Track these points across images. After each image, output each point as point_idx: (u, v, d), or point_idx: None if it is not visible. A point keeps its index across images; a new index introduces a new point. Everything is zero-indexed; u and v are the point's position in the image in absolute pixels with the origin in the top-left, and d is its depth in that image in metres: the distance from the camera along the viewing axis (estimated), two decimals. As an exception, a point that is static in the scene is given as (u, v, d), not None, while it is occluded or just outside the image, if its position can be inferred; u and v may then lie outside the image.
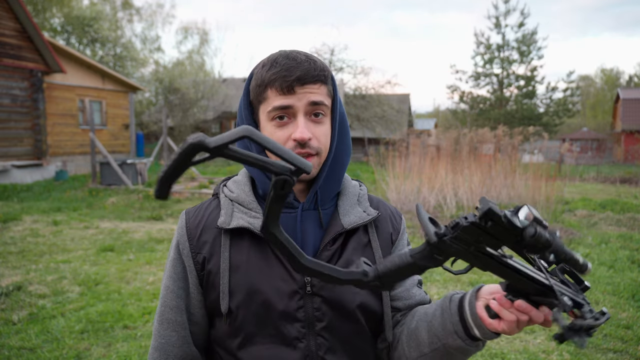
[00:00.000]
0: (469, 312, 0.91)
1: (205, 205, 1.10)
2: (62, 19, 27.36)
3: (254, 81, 1.00)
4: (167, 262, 1.08)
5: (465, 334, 0.91)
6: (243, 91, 1.05)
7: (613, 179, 16.17)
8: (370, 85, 23.32)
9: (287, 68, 0.95)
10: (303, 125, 0.96)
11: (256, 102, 1.01)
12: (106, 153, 11.91)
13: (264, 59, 1.01)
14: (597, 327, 0.77)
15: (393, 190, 9.28)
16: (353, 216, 1.06)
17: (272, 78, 0.96)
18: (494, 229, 0.73)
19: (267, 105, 0.98)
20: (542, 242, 0.72)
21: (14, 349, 3.43)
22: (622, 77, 54.42)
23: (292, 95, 0.96)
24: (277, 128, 0.98)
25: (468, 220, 0.75)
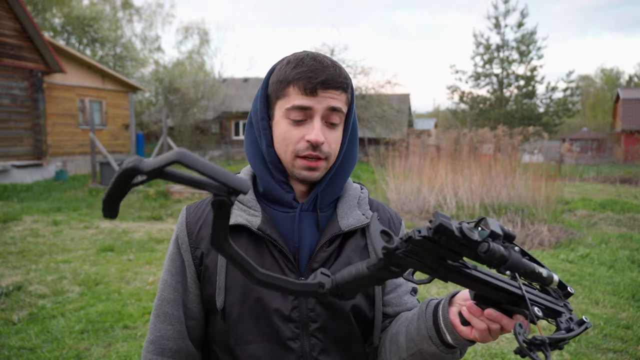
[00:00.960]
0: (442, 318, 0.90)
1: (206, 202, 1.11)
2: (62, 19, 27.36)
3: (276, 76, 1.01)
4: (166, 256, 1.09)
5: (439, 340, 0.91)
6: (262, 84, 1.06)
7: (613, 179, 16.18)
8: (370, 85, 23.31)
9: (314, 70, 0.97)
10: (319, 128, 0.97)
11: (274, 97, 1.02)
12: (106, 153, 11.91)
13: (290, 56, 1.02)
14: (567, 339, 0.73)
15: (393, 190, 9.28)
16: (351, 219, 1.06)
17: (297, 77, 0.97)
18: (449, 243, 0.72)
19: (286, 101, 0.99)
20: (497, 258, 0.71)
21: (14, 349, 3.43)
22: (622, 77, 54.44)
23: (314, 97, 0.97)
24: (292, 126, 0.99)
25: (421, 234, 0.73)
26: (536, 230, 7.25)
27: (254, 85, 28.26)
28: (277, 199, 1.04)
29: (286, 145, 1.00)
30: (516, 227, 7.46)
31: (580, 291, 4.77)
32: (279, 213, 1.04)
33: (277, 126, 1.01)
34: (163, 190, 10.54)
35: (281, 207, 1.04)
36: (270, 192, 1.04)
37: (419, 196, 9.05)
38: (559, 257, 6.01)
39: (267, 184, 1.04)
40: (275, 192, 1.03)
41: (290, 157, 1.00)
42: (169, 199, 10.09)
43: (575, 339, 3.67)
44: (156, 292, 1.12)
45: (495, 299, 0.81)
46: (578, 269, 5.49)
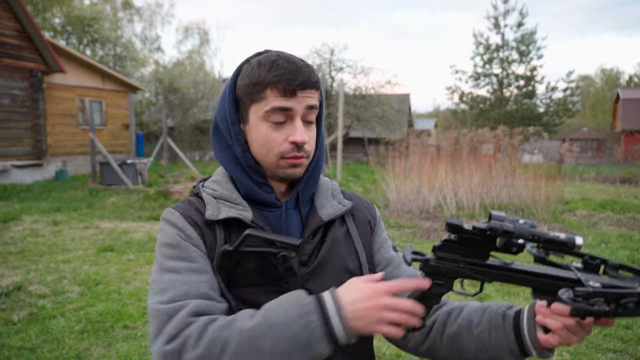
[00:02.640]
0: (528, 335, 0.93)
1: (187, 202, 1.06)
2: (63, 19, 27.37)
3: (247, 78, 1.01)
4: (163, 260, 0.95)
5: (520, 354, 0.94)
6: (226, 88, 1.04)
7: (613, 179, 16.18)
8: (370, 85, 23.31)
9: (291, 72, 0.97)
10: (302, 128, 0.99)
11: (247, 100, 1.01)
12: (106, 153, 11.91)
13: (257, 58, 1.02)
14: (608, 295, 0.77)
15: (393, 190, 9.28)
16: (330, 209, 1.10)
17: (274, 79, 0.97)
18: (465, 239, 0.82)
19: (263, 104, 0.99)
20: (501, 232, 0.78)
21: (14, 349, 3.43)
22: (622, 77, 54.43)
23: (293, 99, 0.98)
24: (273, 129, 0.99)
25: (442, 240, 0.85)
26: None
27: (254, 85, 28.21)
28: (259, 200, 1.05)
29: (268, 148, 1.00)
30: (516, 227, 7.45)
31: (580, 291, 4.77)
32: (264, 212, 1.05)
33: (255, 130, 1.01)
34: (163, 190, 10.54)
35: (264, 207, 1.06)
36: (252, 194, 1.05)
37: (419, 196, 9.05)
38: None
39: (248, 187, 1.05)
40: (256, 194, 1.05)
41: (275, 159, 1.01)
42: (169, 199, 10.09)
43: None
44: None
45: (551, 289, 0.84)
46: (578, 269, 5.49)
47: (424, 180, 9.26)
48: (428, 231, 7.39)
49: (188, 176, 13.41)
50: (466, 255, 0.84)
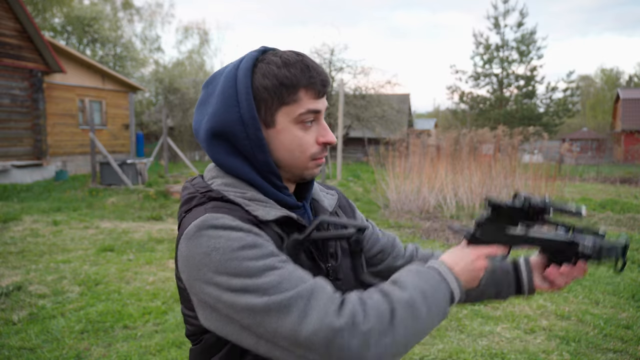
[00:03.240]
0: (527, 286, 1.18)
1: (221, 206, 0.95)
2: (63, 19, 27.37)
3: (273, 79, 0.94)
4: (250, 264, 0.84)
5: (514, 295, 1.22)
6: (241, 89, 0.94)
7: (613, 179, 16.18)
8: (370, 85, 23.31)
9: (320, 72, 0.98)
10: (328, 128, 1.02)
11: (274, 103, 0.95)
12: (106, 153, 11.91)
13: (281, 58, 0.96)
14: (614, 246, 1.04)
15: (393, 190, 9.28)
16: (327, 200, 1.15)
17: (311, 81, 0.96)
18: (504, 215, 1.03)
19: (297, 107, 0.95)
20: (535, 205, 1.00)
21: (14, 349, 3.43)
22: (622, 77, 54.43)
23: (321, 100, 0.99)
24: (305, 131, 0.98)
25: (484, 216, 1.06)
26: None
27: (254, 85, 28.20)
28: (283, 203, 1.02)
29: (301, 151, 0.99)
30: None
31: (580, 291, 4.78)
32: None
33: (284, 133, 0.97)
34: (163, 190, 10.54)
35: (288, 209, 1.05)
36: (277, 199, 1.01)
37: (419, 196, 9.05)
38: (559, 257, 6.02)
39: (271, 193, 1.00)
40: (280, 197, 1.01)
41: (306, 161, 1.00)
42: (169, 199, 10.09)
43: (575, 338, 3.68)
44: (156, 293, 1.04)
45: (559, 249, 1.08)
46: (578, 269, 5.49)
47: (424, 180, 9.26)
48: (428, 231, 7.39)
49: (188, 176, 13.41)
50: (502, 226, 1.05)
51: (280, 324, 0.80)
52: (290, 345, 0.80)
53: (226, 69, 1.00)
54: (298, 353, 0.80)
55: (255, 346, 0.85)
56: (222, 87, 0.97)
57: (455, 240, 6.89)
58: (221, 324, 0.87)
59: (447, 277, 0.95)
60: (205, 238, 0.86)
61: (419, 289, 0.88)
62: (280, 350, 0.82)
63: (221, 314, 0.86)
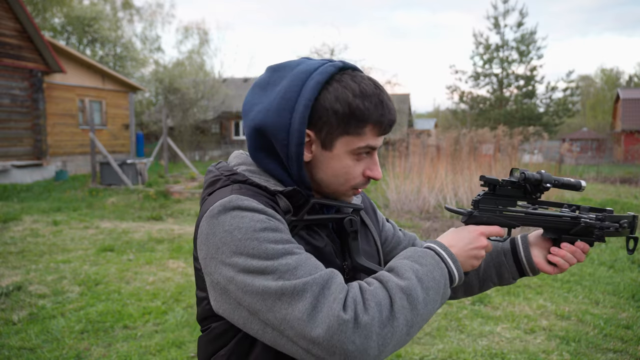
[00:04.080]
0: (527, 263, 1.16)
1: (247, 188, 0.96)
2: (62, 19, 27.35)
3: (345, 107, 0.92)
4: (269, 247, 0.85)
5: (519, 277, 1.20)
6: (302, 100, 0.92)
7: (613, 179, 16.17)
8: (370, 85, 23.28)
9: (392, 111, 0.97)
10: (379, 165, 1.02)
11: (338, 129, 0.94)
12: (106, 153, 11.91)
13: (360, 87, 0.94)
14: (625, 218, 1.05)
15: (393, 190, 9.28)
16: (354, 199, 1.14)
17: (381, 119, 0.95)
18: (501, 191, 1.02)
19: (359, 140, 0.95)
20: (534, 179, 0.99)
21: (14, 349, 3.43)
22: (622, 77, 54.42)
23: (381, 137, 0.99)
24: (356, 162, 0.98)
25: (481, 195, 1.04)
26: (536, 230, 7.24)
27: (254, 85, 28.17)
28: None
29: (346, 180, 0.99)
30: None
31: (580, 291, 4.78)
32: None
33: (337, 160, 0.96)
34: (163, 190, 10.54)
35: None
36: None
37: (419, 196, 9.05)
38: (559, 257, 6.02)
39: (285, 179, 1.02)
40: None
41: (347, 189, 1.00)
42: (169, 199, 10.09)
43: (575, 338, 3.68)
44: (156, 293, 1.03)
45: (561, 228, 1.06)
46: (578, 269, 5.49)
47: (424, 180, 9.27)
48: (428, 231, 7.39)
49: (188, 176, 13.41)
50: (501, 205, 1.03)
51: (290, 311, 0.80)
52: (296, 336, 0.80)
53: (299, 66, 0.96)
54: (302, 345, 0.80)
55: (261, 333, 0.85)
56: (287, 86, 0.94)
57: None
58: (230, 308, 0.87)
59: (444, 257, 0.95)
60: (229, 217, 0.87)
61: (415, 275, 0.88)
62: (285, 340, 0.82)
63: (231, 297, 0.86)
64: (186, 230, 7.25)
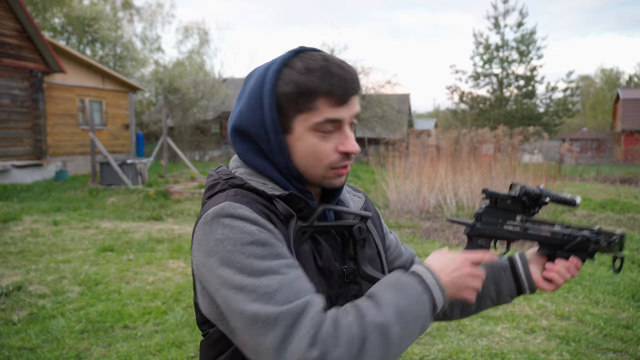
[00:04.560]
0: (526, 281, 1.15)
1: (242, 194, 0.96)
2: (62, 19, 27.34)
3: (292, 86, 0.92)
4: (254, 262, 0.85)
5: (516, 295, 1.17)
6: (265, 92, 0.94)
7: (613, 179, 16.17)
8: (370, 85, 23.32)
9: (343, 78, 0.92)
10: (352, 137, 0.96)
11: (292, 110, 0.93)
12: (106, 153, 11.91)
13: (305, 63, 0.93)
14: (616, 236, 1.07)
15: (393, 190, 9.28)
16: (353, 202, 1.13)
17: (330, 89, 0.91)
18: (502, 205, 1.04)
19: (314, 116, 0.92)
20: (534, 194, 1.02)
21: (14, 349, 3.43)
22: (622, 77, 54.41)
23: (344, 107, 0.93)
24: (322, 140, 0.94)
25: (483, 207, 1.06)
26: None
27: (254, 85, 28.15)
28: None
29: (317, 159, 0.95)
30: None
31: (580, 291, 4.78)
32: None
33: (301, 141, 0.95)
34: (163, 190, 10.54)
35: None
36: None
37: (419, 196, 9.05)
38: (559, 257, 6.02)
39: (285, 184, 1.00)
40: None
41: (324, 170, 0.97)
42: (169, 199, 10.09)
43: (575, 338, 3.68)
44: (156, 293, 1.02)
45: (557, 243, 1.08)
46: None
47: (424, 180, 9.26)
48: (428, 231, 7.39)
49: (188, 176, 13.41)
50: (501, 218, 1.05)
51: (261, 340, 0.80)
52: None
53: (262, 67, 0.99)
54: None
55: (242, 347, 0.88)
56: (252, 86, 0.97)
57: (455, 240, 6.89)
58: (216, 317, 0.91)
59: (431, 286, 0.91)
60: (221, 226, 0.87)
61: (394, 308, 0.84)
62: None
63: (217, 308, 0.88)
64: (186, 230, 7.25)
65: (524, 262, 1.16)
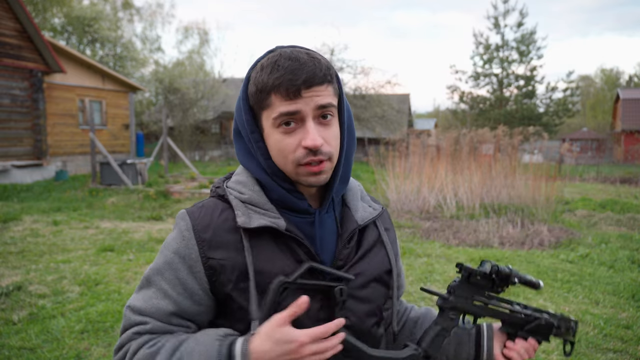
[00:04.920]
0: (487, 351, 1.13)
1: (211, 206, 1.01)
2: (63, 19, 27.34)
3: (253, 85, 0.95)
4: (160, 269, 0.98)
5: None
6: (240, 94, 0.99)
7: (613, 179, 16.17)
8: (370, 85, 23.32)
9: (292, 71, 0.90)
10: (314, 131, 0.91)
11: (258, 108, 0.96)
12: (106, 153, 11.91)
13: (262, 61, 0.95)
14: (574, 325, 1.19)
15: (393, 190, 9.28)
16: (363, 212, 1.06)
17: (276, 83, 0.90)
18: (474, 280, 1.06)
19: (271, 111, 0.93)
20: (505, 273, 1.05)
21: (14, 349, 3.43)
22: (622, 77, 54.40)
23: (299, 100, 0.90)
24: (285, 135, 0.93)
25: (457, 282, 1.07)
26: (536, 230, 7.25)
27: (254, 85, 28.19)
28: (292, 207, 0.99)
29: (284, 156, 0.94)
30: (516, 227, 7.46)
31: (580, 291, 4.77)
32: (295, 218, 1.00)
33: (270, 138, 0.96)
34: (163, 190, 10.54)
35: (295, 214, 1.00)
36: (284, 201, 0.99)
37: (419, 196, 9.05)
38: (559, 257, 6.01)
39: (279, 194, 0.99)
40: (288, 201, 0.99)
41: (292, 167, 0.95)
42: (169, 199, 10.09)
43: (575, 338, 3.67)
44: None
45: (518, 323, 1.12)
46: (578, 269, 5.49)
47: (424, 180, 9.27)
48: (428, 231, 7.39)
49: (188, 176, 13.41)
50: (473, 294, 1.07)
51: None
52: None
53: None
54: None
55: None
56: (241, 88, 1.01)
57: (455, 240, 6.89)
58: None
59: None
60: (175, 226, 1.02)
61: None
62: None
63: None
64: (186, 230, 7.24)
65: (489, 335, 1.14)
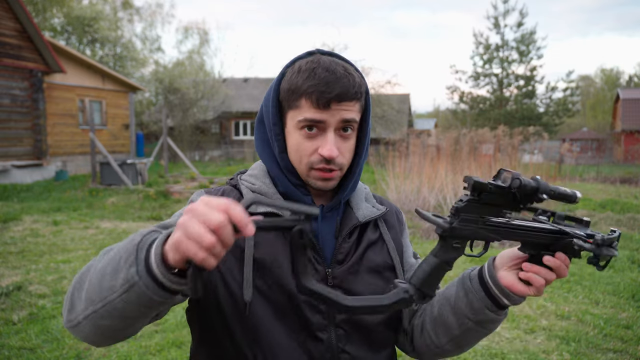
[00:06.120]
0: (494, 286, 0.96)
1: (226, 190, 1.08)
2: (62, 19, 27.33)
3: (287, 84, 0.99)
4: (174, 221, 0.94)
5: (495, 307, 0.97)
6: (273, 86, 1.02)
7: (613, 179, 16.17)
8: (370, 85, 23.31)
9: (326, 82, 0.94)
10: (332, 142, 0.96)
11: (286, 106, 1.00)
12: (106, 153, 11.91)
13: (301, 63, 0.99)
14: (615, 239, 0.86)
15: (393, 190, 9.28)
16: (365, 210, 1.09)
17: (309, 90, 0.94)
18: (488, 197, 0.84)
19: (298, 113, 0.97)
20: (530, 188, 0.82)
21: (14, 349, 3.43)
22: (622, 77, 54.41)
23: (327, 111, 0.95)
24: (305, 139, 0.98)
25: (464, 201, 0.85)
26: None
27: (254, 85, 28.23)
28: (295, 200, 1.03)
29: (300, 157, 0.99)
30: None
31: (580, 291, 4.77)
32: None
33: (290, 136, 1.00)
34: (163, 190, 10.54)
35: None
36: (289, 194, 1.04)
37: (419, 196, 9.05)
38: (559, 257, 6.02)
39: (286, 186, 1.04)
40: (293, 194, 1.03)
41: (305, 168, 1.00)
42: (169, 199, 10.09)
43: (575, 338, 3.68)
44: None
45: (543, 242, 0.89)
46: (578, 269, 5.49)
47: (424, 180, 9.27)
48: (428, 231, 7.39)
49: (188, 176, 13.41)
50: (484, 214, 0.86)
51: None
52: None
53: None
54: None
55: None
56: (274, 80, 1.05)
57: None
58: None
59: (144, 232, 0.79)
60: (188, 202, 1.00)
61: (108, 254, 0.81)
62: None
63: None
64: (186, 230, 7.24)
65: (489, 265, 0.98)
